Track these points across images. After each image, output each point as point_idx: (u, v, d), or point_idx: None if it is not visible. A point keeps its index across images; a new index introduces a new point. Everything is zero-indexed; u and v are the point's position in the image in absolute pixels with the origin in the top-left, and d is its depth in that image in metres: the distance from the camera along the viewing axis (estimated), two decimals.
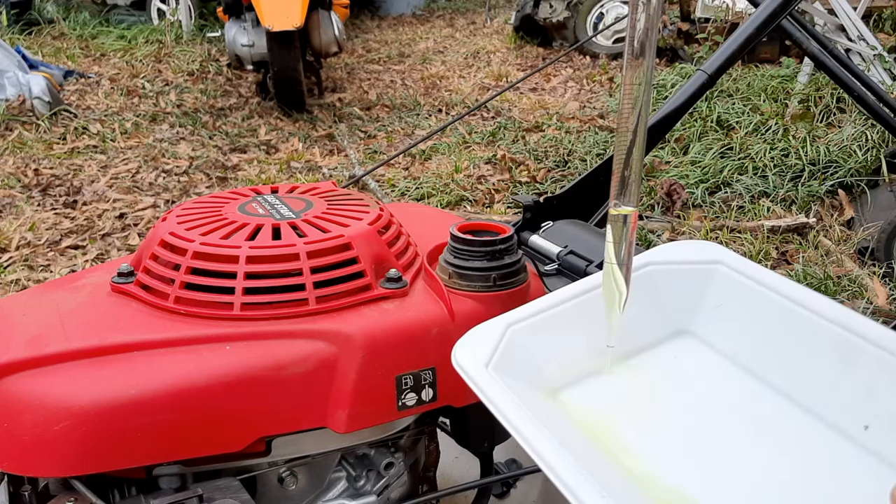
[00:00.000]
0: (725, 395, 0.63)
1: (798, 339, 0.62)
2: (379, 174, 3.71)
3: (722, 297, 0.67)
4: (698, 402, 0.62)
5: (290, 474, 0.87)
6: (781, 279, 0.65)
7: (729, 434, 0.59)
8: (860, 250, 2.74)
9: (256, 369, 0.77)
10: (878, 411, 0.56)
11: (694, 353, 0.67)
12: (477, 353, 0.61)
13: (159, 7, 6.89)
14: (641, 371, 0.66)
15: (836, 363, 0.59)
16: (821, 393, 0.59)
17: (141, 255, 0.87)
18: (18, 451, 0.72)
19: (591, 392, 0.63)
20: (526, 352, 0.63)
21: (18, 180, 3.60)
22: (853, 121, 3.62)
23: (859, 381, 0.57)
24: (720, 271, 0.68)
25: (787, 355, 0.62)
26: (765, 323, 0.64)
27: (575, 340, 0.65)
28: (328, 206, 0.92)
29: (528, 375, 0.62)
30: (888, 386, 0.55)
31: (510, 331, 0.64)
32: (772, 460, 0.56)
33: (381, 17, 8.37)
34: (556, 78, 5.57)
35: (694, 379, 0.65)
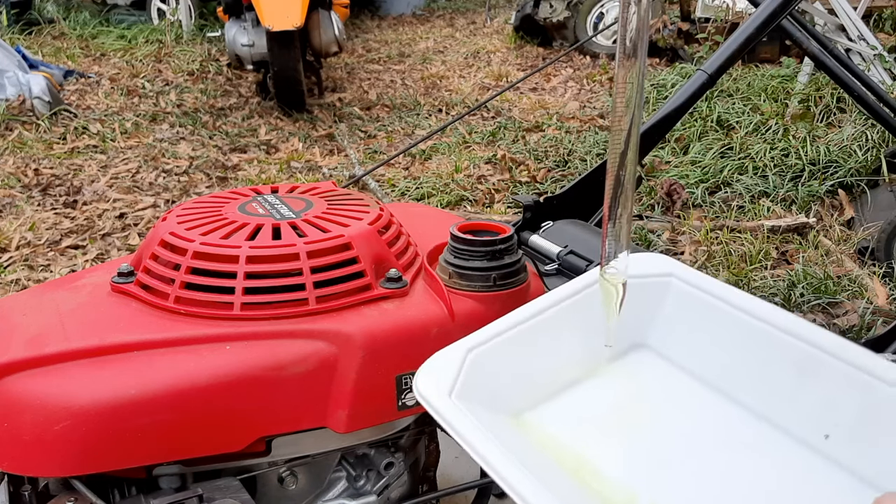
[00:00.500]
0: (685, 408, 0.63)
1: (753, 349, 0.62)
2: (379, 174, 3.71)
3: (676, 310, 0.68)
4: (658, 417, 0.63)
5: (290, 474, 0.87)
6: (732, 290, 0.66)
7: (692, 447, 0.59)
8: (860, 250, 2.74)
9: (256, 369, 0.77)
10: (838, 421, 0.56)
11: (651, 367, 0.67)
12: (439, 382, 0.60)
13: (159, 7, 6.89)
14: (601, 388, 0.66)
15: (793, 374, 0.59)
16: (780, 403, 0.59)
17: (141, 255, 0.87)
18: (18, 450, 0.72)
19: (554, 413, 0.64)
20: (487, 376, 0.63)
21: (18, 180, 3.60)
22: (853, 121, 3.62)
23: (817, 392, 0.57)
24: (673, 284, 0.69)
25: (743, 366, 0.62)
26: (719, 334, 0.64)
27: (534, 361, 0.65)
28: (328, 206, 0.92)
29: (491, 400, 0.61)
30: (846, 396, 0.56)
31: (470, 356, 0.63)
32: (736, 471, 0.56)
33: (381, 17, 8.37)
34: (556, 78, 5.57)
35: (652, 393, 0.65)
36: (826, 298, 2.43)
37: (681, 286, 0.68)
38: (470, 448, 0.54)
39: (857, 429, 0.55)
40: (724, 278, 2.57)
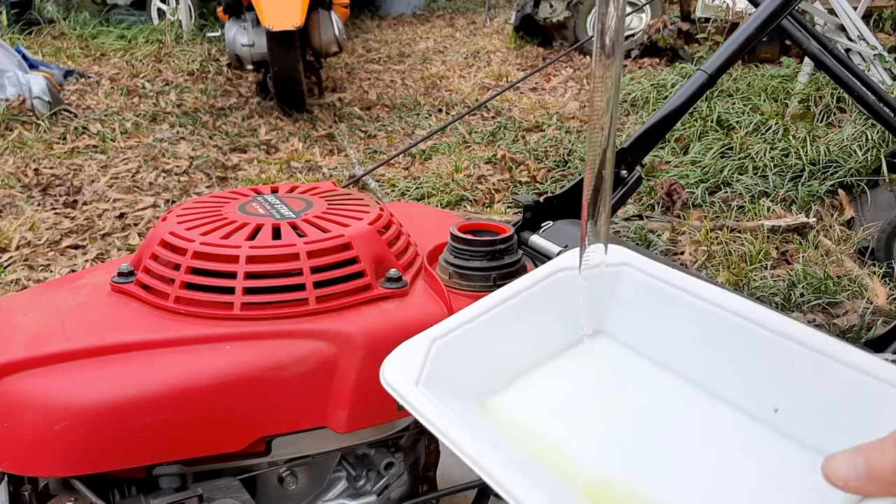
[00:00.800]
0: (643, 388, 0.67)
1: (705, 331, 0.65)
2: (379, 174, 3.71)
3: (631, 297, 0.71)
4: (618, 398, 0.66)
5: (290, 474, 0.87)
6: (685, 277, 0.69)
7: (652, 425, 0.62)
8: (860, 250, 2.74)
9: (256, 369, 0.77)
10: (786, 395, 0.59)
11: (609, 352, 0.70)
12: (406, 371, 0.62)
13: (159, 7, 6.89)
14: (563, 372, 0.69)
15: (743, 353, 0.63)
16: (731, 381, 0.63)
17: (141, 255, 0.87)
18: (18, 450, 0.72)
19: (519, 397, 0.66)
20: (452, 365, 0.64)
21: (18, 180, 3.60)
22: (853, 121, 3.62)
23: (766, 369, 0.61)
24: (628, 272, 0.72)
25: (695, 348, 0.66)
26: (672, 319, 0.68)
27: (498, 348, 0.68)
28: (328, 206, 0.92)
29: (457, 387, 0.63)
30: (793, 372, 0.59)
31: (436, 345, 0.65)
32: (693, 447, 0.60)
33: (381, 17, 8.37)
34: (556, 78, 5.57)
35: (611, 376, 0.69)
36: (826, 298, 2.44)
37: (634, 274, 0.71)
38: (439, 433, 0.56)
39: (804, 401, 0.58)
40: (724, 278, 2.57)
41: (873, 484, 0.45)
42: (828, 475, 0.46)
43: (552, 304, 0.70)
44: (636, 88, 4.69)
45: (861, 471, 0.45)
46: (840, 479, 0.45)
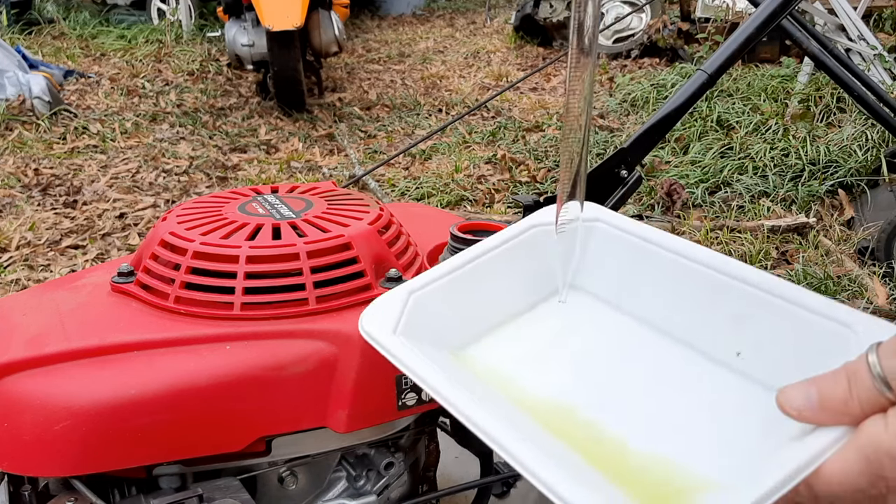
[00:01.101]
0: (611, 336, 0.69)
1: (671, 282, 0.68)
2: (379, 174, 3.71)
3: (601, 252, 0.73)
4: (589, 347, 0.68)
5: (290, 474, 0.87)
6: (655, 231, 0.71)
7: (621, 371, 0.65)
8: (860, 250, 2.74)
9: (256, 369, 0.77)
10: (748, 339, 0.62)
11: (580, 303, 0.73)
12: (383, 321, 0.64)
13: (159, 7, 6.89)
14: (536, 324, 0.71)
15: (706, 300, 0.65)
16: (695, 327, 0.65)
17: (141, 255, 0.87)
18: (18, 450, 0.72)
19: (493, 347, 0.69)
20: (429, 316, 0.67)
21: (18, 180, 3.60)
22: (853, 120, 3.62)
23: (728, 315, 0.63)
24: (599, 227, 0.74)
25: (663, 298, 0.68)
26: (641, 270, 0.70)
27: (474, 301, 0.70)
28: (328, 206, 0.92)
29: (433, 337, 0.66)
30: (754, 317, 0.62)
31: (413, 297, 0.67)
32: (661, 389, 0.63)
33: (381, 17, 8.37)
34: (556, 78, 5.57)
35: (582, 326, 0.71)
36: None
37: (605, 229, 0.74)
38: (416, 377, 0.58)
39: (765, 344, 0.61)
40: None
41: (825, 413, 0.46)
42: (782, 406, 0.48)
43: (526, 259, 0.72)
44: (636, 88, 4.69)
45: (814, 401, 0.47)
46: (794, 410, 0.47)
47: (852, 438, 0.45)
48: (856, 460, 0.44)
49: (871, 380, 0.44)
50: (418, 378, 0.58)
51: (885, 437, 0.43)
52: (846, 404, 0.45)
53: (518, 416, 0.60)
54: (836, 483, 0.45)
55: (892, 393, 0.44)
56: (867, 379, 0.45)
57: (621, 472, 0.54)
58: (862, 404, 0.45)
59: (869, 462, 0.44)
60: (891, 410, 0.44)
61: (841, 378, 0.46)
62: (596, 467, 0.54)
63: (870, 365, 0.45)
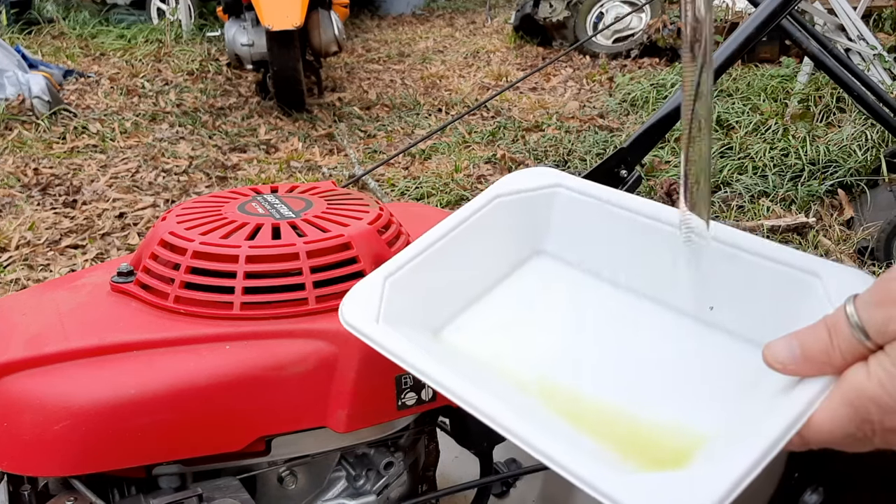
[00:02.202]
0: (585, 300, 0.70)
1: (637, 241, 0.69)
2: (379, 174, 3.71)
3: (565, 217, 0.74)
4: (563, 312, 0.69)
5: (289, 474, 0.87)
6: (617, 192, 0.72)
7: (596, 332, 0.66)
8: (860, 250, 2.74)
9: (256, 369, 0.77)
10: (719, 294, 0.63)
11: (550, 270, 0.74)
12: (364, 311, 0.65)
13: (159, 6, 6.89)
14: (509, 293, 0.72)
15: (674, 257, 0.66)
16: (666, 285, 0.66)
17: (140, 255, 0.87)
18: (18, 450, 0.72)
19: (471, 322, 0.70)
20: (406, 299, 0.68)
21: (18, 180, 3.60)
22: (853, 120, 3.62)
23: (697, 271, 0.65)
24: (561, 193, 0.75)
25: (630, 258, 0.69)
26: (606, 232, 0.71)
27: (447, 279, 0.71)
28: (328, 206, 0.92)
29: (414, 321, 0.67)
30: (723, 271, 0.63)
31: (388, 282, 0.68)
32: (641, 349, 0.63)
33: (380, 17, 8.37)
34: (555, 77, 5.57)
35: (554, 292, 0.72)
36: None
37: (567, 194, 0.74)
38: (406, 365, 0.59)
39: (736, 298, 0.62)
40: None
41: (809, 365, 0.49)
42: (768, 360, 0.50)
43: (493, 230, 0.73)
44: (636, 88, 4.69)
45: (797, 353, 0.49)
46: (779, 363, 0.50)
47: (836, 387, 0.47)
48: (842, 407, 0.47)
49: (850, 330, 0.46)
50: (409, 366, 0.59)
51: (867, 383, 0.45)
52: (828, 355, 0.47)
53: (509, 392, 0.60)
54: (826, 431, 0.47)
55: (871, 341, 0.46)
56: (846, 329, 0.47)
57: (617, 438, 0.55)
58: (843, 354, 0.47)
59: (854, 408, 0.46)
60: (871, 358, 0.46)
61: (821, 330, 0.48)
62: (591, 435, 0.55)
63: (848, 316, 0.47)
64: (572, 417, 0.57)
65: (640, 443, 0.54)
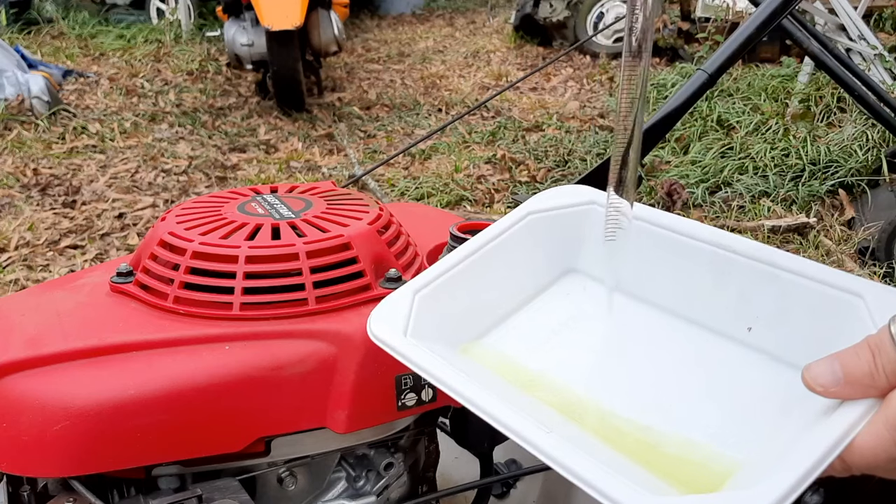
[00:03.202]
0: (618, 319, 0.68)
1: (675, 260, 0.67)
2: (378, 174, 3.71)
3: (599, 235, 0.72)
4: (597, 330, 0.68)
5: (289, 475, 0.87)
6: (655, 210, 0.71)
7: (631, 352, 0.64)
8: (860, 250, 2.74)
9: (256, 369, 0.76)
10: (758, 314, 0.62)
11: (583, 289, 0.72)
12: (393, 324, 0.64)
13: (158, 6, 6.89)
14: (541, 311, 0.71)
15: (712, 277, 0.65)
16: (703, 305, 0.65)
17: (140, 255, 0.87)
18: (17, 451, 0.72)
19: (502, 339, 0.68)
20: (435, 314, 0.67)
21: (17, 180, 3.60)
22: (854, 120, 3.61)
23: (735, 290, 0.63)
24: (595, 211, 0.73)
25: (666, 277, 0.67)
26: (642, 251, 0.69)
27: (477, 295, 0.70)
28: (327, 206, 0.92)
29: (442, 335, 0.65)
30: (761, 291, 0.62)
31: (418, 297, 0.67)
32: (674, 368, 0.62)
33: (380, 17, 8.36)
34: (556, 77, 5.57)
35: (588, 310, 0.70)
36: None
37: (602, 211, 0.72)
38: (435, 380, 0.57)
39: (775, 318, 0.61)
40: None
41: (851, 388, 0.47)
42: (808, 383, 0.48)
43: (525, 247, 0.72)
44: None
45: (839, 376, 0.47)
46: (820, 386, 0.48)
47: (881, 410, 0.46)
48: (887, 431, 0.45)
49: (894, 351, 0.45)
50: (437, 381, 0.57)
51: None
52: (872, 377, 0.46)
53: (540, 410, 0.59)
54: (870, 455, 0.45)
55: None
56: (891, 351, 0.45)
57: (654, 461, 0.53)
58: (888, 376, 0.45)
59: None
60: None
61: (864, 352, 0.47)
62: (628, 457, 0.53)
63: (892, 336, 0.45)
64: (605, 437, 0.56)
65: (674, 465, 0.53)
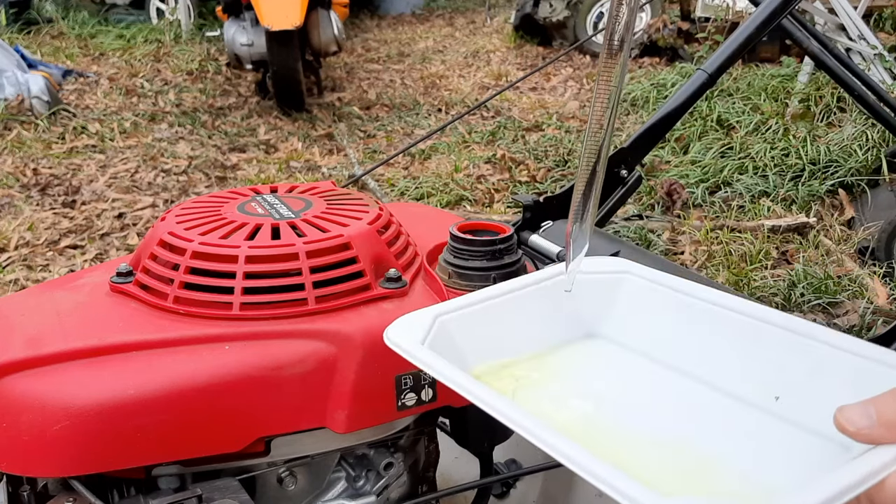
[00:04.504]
0: (641, 383, 0.67)
1: (704, 329, 0.67)
2: (378, 174, 3.71)
3: (631, 302, 0.72)
4: (616, 391, 0.66)
5: (289, 474, 0.87)
6: (683, 281, 0.70)
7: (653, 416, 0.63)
8: (860, 250, 2.74)
9: (255, 369, 0.76)
10: (787, 382, 0.61)
11: (606, 352, 0.72)
12: (411, 336, 0.64)
13: (158, 6, 6.88)
14: (560, 363, 0.70)
15: (741, 346, 0.64)
16: (731, 374, 0.64)
17: (140, 255, 0.87)
18: (17, 451, 0.72)
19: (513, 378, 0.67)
20: (452, 342, 0.66)
21: (17, 180, 3.60)
22: (853, 120, 3.61)
23: (764, 359, 0.63)
24: (628, 280, 0.73)
25: (695, 345, 0.67)
26: (672, 321, 0.69)
27: (497, 336, 0.69)
28: (327, 206, 0.92)
29: (457, 361, 0.64)
30: (791, 360, 0.61)
31: (439, 320, 0.66)
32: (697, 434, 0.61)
33: (380, 17, 8.36)
34: (555, 77, 5.57)
35: (609, 371, 0.70)
36: (826, 298, 2.43)
37: (635, 280, 0.73)
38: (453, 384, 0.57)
39: (804, 388, 0.60)
40: (724, 278, 2.57)
41: (885, 430, 0.47)
42: (840, 424, 0.48)
43: (553, 302, 0.72)
44: (636, 88, 4.69)
45: (874, 419, 0.47)
46: (853, 427, 0.47)
47: None
48: None
49: None
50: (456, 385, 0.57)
51: None
52: None
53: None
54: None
55: None
56: None
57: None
58: None
59: None
60: None
61: None
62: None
63: None
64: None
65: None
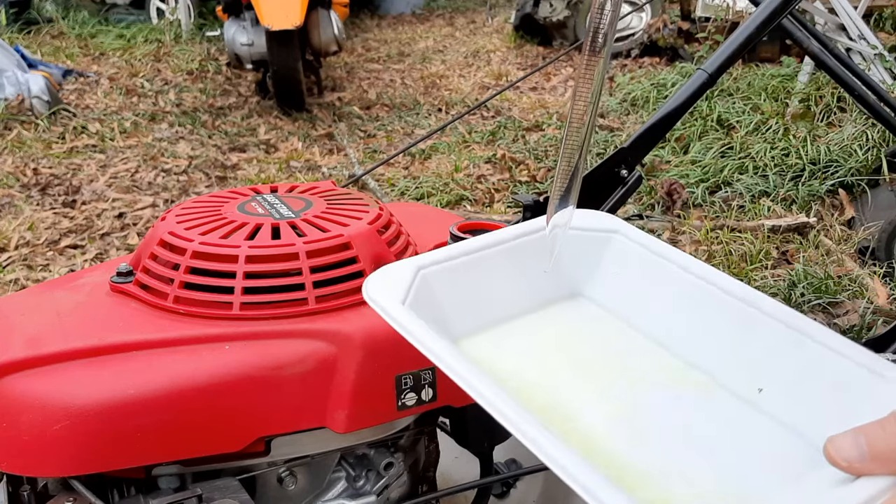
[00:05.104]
0: (620, 351, 0.65)
1: (692, 305, 0.64)
2: (378, 173, 3.71)
3: (617, 265, 0.70)
4: (594, 357, 0.64)
5: (289, 474, 0.87)
6: (676, 250, 0.68)
7: (628, 387, 0.61)
8: (861, 250, 2.74)
9: (256, 369, 0.76)
10: (773, 376, 0.59)
11: (588, 314, 0.70)
12: (392, 292, 0.61)
13: (158, 6, 6.88)
14: (538, 325, 0.68)
15: (730, 330, 0.62)
16: (715, 357, 0.62)
17: (140, 255, 0.87)
18: (17, 451, 0.72)
19: (492, 343, 0.66)
20: (433, 297, 0.64)
21: (17, 179, 3.60)
22: (854, 120, 3.61)
23: (753, 349, 0.60)
24: (616, 240, 0.71)
25: (680, 320, 0.65)
26: (658, 290, 0.66)
27: (479, 291, 0.67)
28: (327, 206, 0.92)
29: (437, 320, 0.62)
30: (781, 354, 0.59)
31: (421, 274, 0.64)
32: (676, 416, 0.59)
33: (380, 17, 8.36)
34: (556, 77, 5.57)
35: (590, 336, 0.67)
36: (826, 298, 2.43)
37: (623, 241, 0.70)
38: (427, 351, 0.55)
39: (790, 384, 0.58)
40: None
41: (876, 463, 0.45)
42: (831, 457, 0.46)
43: (537, 258, 0.69)
44: (636, 88, 4.69)
45: (864, 451, 0.45)
46: (844, 460, 0.46)
47: None
48: None
49: None
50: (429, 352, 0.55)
51: None
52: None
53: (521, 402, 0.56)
54: None
55: None
56: None
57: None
58: None
59: None
60: None
61: (889, 426, 0.45)
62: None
63: None
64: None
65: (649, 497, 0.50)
